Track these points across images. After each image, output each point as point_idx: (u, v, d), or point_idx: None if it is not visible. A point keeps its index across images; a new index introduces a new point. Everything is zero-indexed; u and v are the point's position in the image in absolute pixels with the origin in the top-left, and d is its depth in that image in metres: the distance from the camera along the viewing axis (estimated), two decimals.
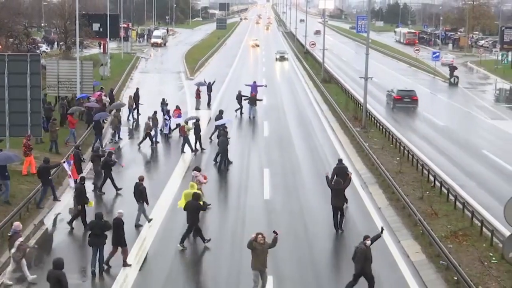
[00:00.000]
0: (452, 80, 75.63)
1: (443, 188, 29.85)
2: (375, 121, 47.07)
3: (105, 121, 42.64)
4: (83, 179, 25.95)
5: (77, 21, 52.67)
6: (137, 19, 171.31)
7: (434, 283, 20.81)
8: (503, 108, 60.34)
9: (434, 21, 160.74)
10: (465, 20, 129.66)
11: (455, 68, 77.93)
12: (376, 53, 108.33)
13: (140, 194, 25.39)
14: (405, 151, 37.19)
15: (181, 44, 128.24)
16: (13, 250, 20.26)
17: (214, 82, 55.08)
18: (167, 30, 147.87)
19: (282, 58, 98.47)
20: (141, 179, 25.92)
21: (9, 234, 20.74)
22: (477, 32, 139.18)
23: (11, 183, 27.70)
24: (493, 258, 22.35)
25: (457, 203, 27.73)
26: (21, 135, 32.07)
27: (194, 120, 38.79)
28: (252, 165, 35.51)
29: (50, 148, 35.50)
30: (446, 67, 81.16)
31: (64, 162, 28.65)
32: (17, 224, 20.98)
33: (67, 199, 28.42)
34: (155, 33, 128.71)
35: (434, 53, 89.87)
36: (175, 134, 40.53)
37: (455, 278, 20.50)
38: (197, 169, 27.75)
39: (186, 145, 37.24)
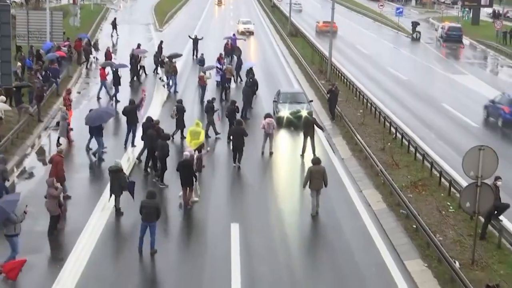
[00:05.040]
0: (414, 35, 76.46)
1: (404, 140, 30.56)
2: (340, 74, 47.62)
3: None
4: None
5: None
6: None
7: (394, 231, 21.32)
8: (463, 63, 61.25)
9: None
10: None
11: (418, 23, 78.67)
12: (342, 8, 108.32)
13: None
14: (368, 104, 37.91)
15: None
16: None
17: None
18: None
19: None
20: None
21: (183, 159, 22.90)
22: None
23: None
24: (451, 208, 23.00)
25: (417, 154, 28.45)
26: None
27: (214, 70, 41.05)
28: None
29: (30, 100, 35.45)
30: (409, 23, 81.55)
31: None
32: (189, 149, 23.93)
33: None
34: None
35: (397, 8, 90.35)
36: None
37: (414, 226, 21.08)
38: (269, 115, 29.70)
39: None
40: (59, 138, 29.42)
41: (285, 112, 34.09)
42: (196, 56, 52.86)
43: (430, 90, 45.79)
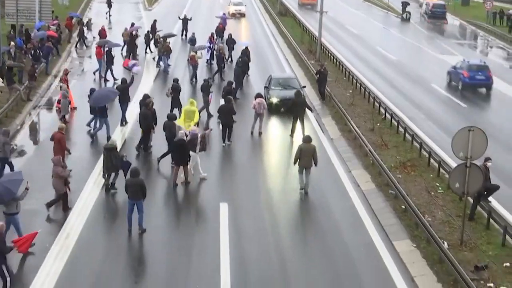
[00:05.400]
0: (404, 15, 76.33)
1: (393, 120, 30.61)
2: (329, 54, 47.55)
3: None
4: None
5: None
6: None
7: (382, 211, 21.37)
8: (453, 43, 61.21)
9: None
10: None
11: (407, 4, 78.52)
12: None
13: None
14: (358, 84, 37.90)
15: None
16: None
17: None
18: None
19: None
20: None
21: (188, 138, 23.13)
22: None
23: None
24: (440, 188, 23.09)
25: (406, 135, 28.50)
26: None
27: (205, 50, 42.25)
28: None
29: (20, 79, 35.32)
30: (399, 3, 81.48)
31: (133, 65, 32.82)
32: (194, 128, 24.19)
33: None
34: None
35: None
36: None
37: (403, 206, 21.15)
38: (260, 95, 29.55)
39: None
40: (64, 116, 29.37)
41: (276, 98, 33.09)
42: (186, 36, 52.70)
43: (419, 71, 45.76)
